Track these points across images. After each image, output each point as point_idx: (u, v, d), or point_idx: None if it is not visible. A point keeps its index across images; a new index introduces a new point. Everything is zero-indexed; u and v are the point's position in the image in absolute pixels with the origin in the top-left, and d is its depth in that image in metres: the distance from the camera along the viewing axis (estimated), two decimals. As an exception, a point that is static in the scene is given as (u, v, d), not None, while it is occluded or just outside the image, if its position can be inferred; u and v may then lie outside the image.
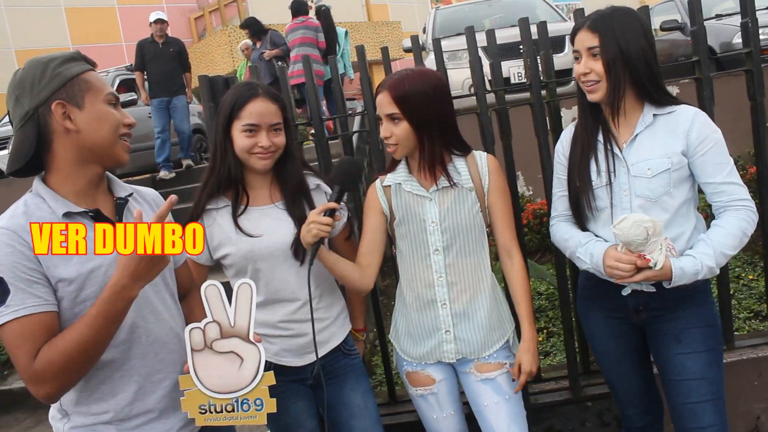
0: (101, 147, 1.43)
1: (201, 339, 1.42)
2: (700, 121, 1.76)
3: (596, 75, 1.77)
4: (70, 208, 1.41)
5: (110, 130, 1.44)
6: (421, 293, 1.92)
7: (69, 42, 18.12)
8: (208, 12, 19.94)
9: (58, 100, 1.38)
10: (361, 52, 2.44)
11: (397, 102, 1.78)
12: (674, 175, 1.77)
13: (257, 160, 1.83)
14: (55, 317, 1.34)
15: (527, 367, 1.88)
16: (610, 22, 1.75)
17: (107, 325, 1.32)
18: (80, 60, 1.46)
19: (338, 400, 1.98)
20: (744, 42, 2.42)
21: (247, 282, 1.43)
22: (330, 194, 1.80)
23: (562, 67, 5.87)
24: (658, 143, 1.78)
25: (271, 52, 7.82)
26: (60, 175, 1.43)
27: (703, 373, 1.82)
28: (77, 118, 1.40)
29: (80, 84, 1.41)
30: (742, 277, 3.97)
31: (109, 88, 1.47)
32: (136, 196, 1.59)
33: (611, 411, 2.61)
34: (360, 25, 19.93)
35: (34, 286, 1.32)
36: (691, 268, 1.71)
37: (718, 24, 6.50)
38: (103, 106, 1.44)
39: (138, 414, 1.47)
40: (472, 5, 8.38)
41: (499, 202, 1.92)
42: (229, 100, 1.84)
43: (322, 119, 2.45)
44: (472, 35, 2.37)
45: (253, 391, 1.45)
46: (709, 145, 1.76)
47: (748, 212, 1.77)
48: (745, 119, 2.45)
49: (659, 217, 1.74)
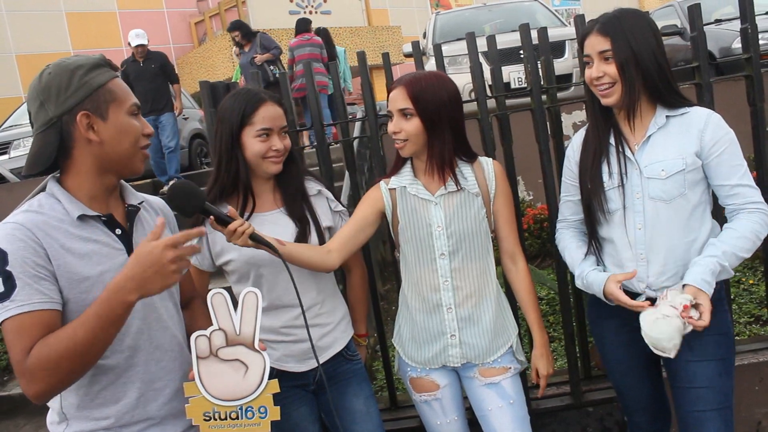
0: (121, 158, 1.44)
1: (206, 346, 1.42)
2: (714, 123, 1.75)
3: (610, 78, 1.75)
4: (85, 211, 1.41)
5: (132, 142, 1.45)
6: (426, 297, 1.92)
7: (70, 47, 18.12)
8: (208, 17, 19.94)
9: (83, 111, 1.39)
10: (362, 57, 2.45)
11: (411, 97, 1.80)
12: (689, 176, 1.75)
13: (271, 164, 1.84)
14: (57, 316, 1.33)
15: (544, 371, 1.94)
16: (620, 25, 1.73)
17: (102, 327, 1.29)
18: (106, 66, 1.46)
19: (340, 405, 1.98)
20: (744, 47, 2.42)
21: (253, 290, 1.43)
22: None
23: (562, 72, 5.91)
24: (671, 144, 1.77)
25: (263, 57, 7.65)
26: (77, 179, 1.44)
27: (712, 382, 1.79)
28: (101, 129, 1.41)
29: (105, 94, 1.41)
30: (742, 281, 3.96)
31: (133, 98, 1.48)
32: (145, 205, 1.60)
33: (612, 416, 2.61)
34: (360, 30, 19.94)
35: (42, 283, 1.32)
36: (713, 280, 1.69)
37: (717, 29, 6.52)
38: (126, 118, 1.44)
39: (138, 421, 1.46)
40: (472, 10, 8.42)
41: (504, 208, 1.93)
42: (237, 108, 1.83)
43: (323, 125, 2.46)
44: (473, 41, 2.37)
45: (257, 398, 1.45)
46: (724, 147, 1.74)
47: (762, 215, 1.75)
48: (745, 123, 2.45)
49: (673, 220, 1.75)
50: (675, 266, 1.79)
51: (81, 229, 1.41)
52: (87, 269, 1.38)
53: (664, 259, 1.79)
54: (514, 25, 2.46)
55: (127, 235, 1.48)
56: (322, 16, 19.70)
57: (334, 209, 1.99)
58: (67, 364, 1.28)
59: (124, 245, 1.46)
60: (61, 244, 1.36)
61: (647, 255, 1.81)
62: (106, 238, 1.44)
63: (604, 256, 1.94)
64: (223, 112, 1.88)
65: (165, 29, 20.04)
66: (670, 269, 1.79)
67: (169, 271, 1.31)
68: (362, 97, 2.41)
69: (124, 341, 1.43)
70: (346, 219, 2.01)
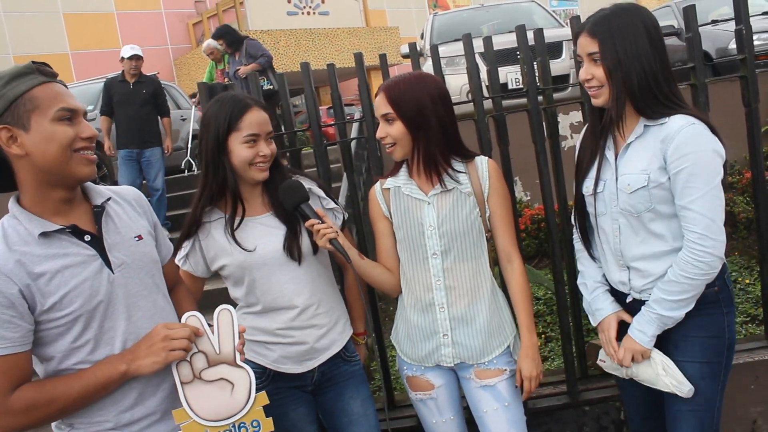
0: (54, 167, 1.37)
1: (189, 371, 1.45)
2: (682, 137, 1.62)
3: (597, 81, 1.72)
4: (46, 227, 1.39)
5: (59, 149, 1.36)
6: (419, 296, 1.93)
7: (67, 48, 18.12)
8: (206, 17, 19.94)
9: (2, 125, 1.33)
10: (359, 59, 2.46)
11: (391, 102, 1.81)
12: (654, 192, 1.68)
13: (258, 171, 1.84)
14: (25, 357, 1.36)
15: (527, 372, 1.89)
16: (609, 26, 1.67)
17: (96, 388, 1.39)
18: (31, 74, 1.37)
19: (338, 406, 1.99)
20: (738, 48, 2.43)
21: (227, 308, 1.48)
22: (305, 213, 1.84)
23: (559, 72, 5.91)
24: (642, 157, 1.71)
25: (247, 68, 6.60)
26: (29, 195, 1.41)
27: (691, 383, 1.78)
28: (24, 141, 1.34)
29: (26, 104, 1.34)
30: (738, 281, 3.98)
31: (63, 102, 1.38)
32: (116, 199, 1.57)
33: (609, 415, 2.62)
34: (358, 31, 19.95)
35: (6, 326, 1.31)
36: (650, 328, 1.77)
37: (714, 29, 6.53)
38: (50, 125, 1.35)
39: (140, 418, 1.48)
40: (469, 11, 8.44)
41: (499, 207, 1.92)
42: (222, 114, 1.81)
43: (320, 126, 2.47)
44: (469, 42, 2.38)
45: (248, 413, 1.48)
46: (685, 165, 1.62)
47: (690, 254, 1.65)
48: (742, 124, 2.46)
49: (646, 230, 1.74)
50: (654, 272, 1.77)
51: (47, 247, 1.38)
52: (62, 287, 1.37)
53: (641, 265, 1.79)
54: (512, 25, 2.47)
55: (98, 239, 1.46)
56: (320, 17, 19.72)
57: (326, 207, 1.99)
58: (54, 413, 1.38)
59: (97, 249, 1.44)
60: (29, 271, 1.34)
61: (625, 261, 1.82)
62: (75, 248, 1.42)
63: (595, 255, 1.96)
64: (208, 118, 1.85)
65: (163, 30, 20.03)
66: (649, 274, 1.78)
67: (158, 348, 1.40)
68: (359, 98, 2.41)
69: (114, 345, 1.44)
70: (340, 216, 2.02)
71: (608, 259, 1.88)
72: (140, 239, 1.55)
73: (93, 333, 1.42)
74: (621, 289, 1.87)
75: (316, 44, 18.54)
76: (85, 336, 1.41)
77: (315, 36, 18.66)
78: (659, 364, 1.78)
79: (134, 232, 1.55)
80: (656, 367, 1.79)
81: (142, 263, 1.53)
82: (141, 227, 1.59)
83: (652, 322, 1.76)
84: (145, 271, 1.54)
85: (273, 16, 18.38)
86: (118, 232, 1.51)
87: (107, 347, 1.44)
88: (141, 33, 19.17)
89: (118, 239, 1.50)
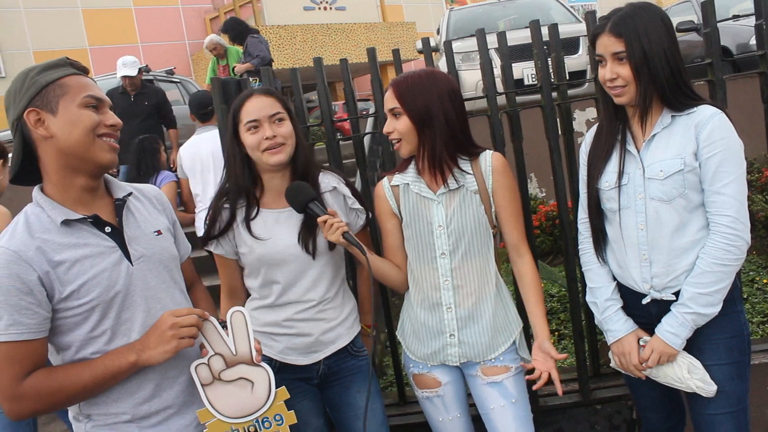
0: (77, 150, 1.41)
1: (208, 373, 1.48)
2: (713, 124, 1.68)
3: (623, 80, 1.72)
4: (68, 216, 1.42)
5: (83, 132, 1.41)
6: (427, 295, 1.93)
7: (86, 43, 18.30)
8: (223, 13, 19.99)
9: (30, 108, 1.39)
10: (372, 54, 2.46)
11: (398, 97, 1.82)
12: (689, 177, 1.71)
13: (269, 155, 1.85)
14: (40, 344, 1.38)
15: (556, 355, 1.84)
16: (633, 24, 1.69)
17: (105, 378, 1.40)
18: (64, 66, 1.45)
19: (344, 400, 2.00)
20: (758, 44, 2.39)
21: (239, 309, 1.51)
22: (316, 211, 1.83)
23: (575, 68, 5.86)
24: (673, 144, 1.73)
25: (242, 67, 6.45)
26: (52, 182, 1.45)
27: (723, 386, 1.77)
28: (51, 123, 1.40)
29: (56, 89, 1.40)
30: (756, 280, 3.93)
31: (90, 91, 1.44)
32: (136, 194, 1.61)
33: (621, 414, 2.60)
34: (375, 26, 19.93)
35: (24, 312, 1.33)
36: (684, 330, 1.74)
37: (735, 25, 6.43)
38: (76, 110, 1.41)
39: (157, 411, 1.49)
40: (486, 6, 8.36)
41: (505, 202, 1.90)
42: (231, 109, 1.90)
43: (333, 121, 2.47)
44: (483, 37, 2.37)
45: (270, 408, 1.52)
46: (716, 150, 1.67)
47: (722, 238, 1.68)
48: (761, 121, 2.43)
49: (674, 221, 1.73)
50: (678, 267, 1.76)
51: (68, 235, 1.41)
52: (81, 276, 1.40)
53: (666, 259, 1.77)
54: (529, 21, 2.46)
55: (118, 231, 1.49)
56: (336, 12, 19.73)
57: (351, 206, 1.99)
58: (63, 401, 1.40)
59: (117, 241, 1.47)
60: (49, 259, 1.37)
61: (650, 255, 1.79)
62: (96, 239, 1.45)
63: (608, 255, 1.93)
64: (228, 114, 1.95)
65: (180, 25, 20.16)
66: (673, 270, 1.77)
67: (168, 336, 1.41)
68: (372, 94, 2.41)
69: (131, 336, 1.46)
70: (362, 217, 2.02)
71: (628, 255, 1.84)
72: (159, 234, 1.58)
73: (110, 323, 1.44)
74: (640, 288, 1.84)
75: (332, 39, 18.56)
76: (102, 326, 1.43)
77: (331, 31, 18.68)
78: (684, 366, 1.76)
79: (154, 227, 1.58)
80: (681, 369, 1.77)
81: (161, 257, 1.55)
82: (160, 223, 1.62)
83: (686, 323, 1.73)
84: (164, 265, 1.56)
85: (290, 11, 18.42)
86: (138, 225, 1.54)
87: (124, 338, 1.45)
88: (158, 28, 19.33)
89: (138, 233, 1.53)
